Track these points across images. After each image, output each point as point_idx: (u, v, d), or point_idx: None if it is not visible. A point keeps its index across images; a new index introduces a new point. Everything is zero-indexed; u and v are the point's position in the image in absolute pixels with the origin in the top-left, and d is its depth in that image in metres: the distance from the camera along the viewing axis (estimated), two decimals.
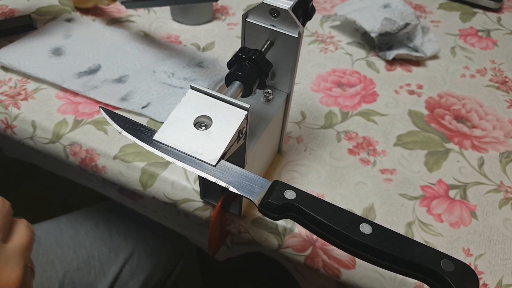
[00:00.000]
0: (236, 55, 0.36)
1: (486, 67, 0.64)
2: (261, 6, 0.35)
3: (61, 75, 0.56)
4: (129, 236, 0.61)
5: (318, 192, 0.47)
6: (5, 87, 0.55)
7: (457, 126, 0.55)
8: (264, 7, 0.35)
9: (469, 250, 0.43)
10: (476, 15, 0.75)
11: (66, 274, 0.55)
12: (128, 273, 0.59)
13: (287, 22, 0.35)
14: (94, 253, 0.58)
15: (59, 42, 0.61)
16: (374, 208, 0.45)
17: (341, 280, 0.42)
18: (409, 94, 0.59)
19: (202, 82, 0.56)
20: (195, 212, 0.46)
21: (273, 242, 0.44)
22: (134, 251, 0.61)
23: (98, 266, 0.58)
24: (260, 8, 0.35)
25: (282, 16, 0.35)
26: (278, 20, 0.36)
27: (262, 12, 0.36)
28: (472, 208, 0.46)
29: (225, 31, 0.67)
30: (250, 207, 0.45)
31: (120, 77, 0.57)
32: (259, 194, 0.32)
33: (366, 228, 0.29)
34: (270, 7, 0.35)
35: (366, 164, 0.50)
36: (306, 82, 0.60)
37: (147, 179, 0.47)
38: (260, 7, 0.35)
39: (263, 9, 0.35)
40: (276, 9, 0.35)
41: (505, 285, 0.40)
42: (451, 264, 0.28)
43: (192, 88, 0.33)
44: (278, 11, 0.35)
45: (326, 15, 0.73)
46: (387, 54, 0.63)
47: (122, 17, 0.69)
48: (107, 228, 0.61)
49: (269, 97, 0.40)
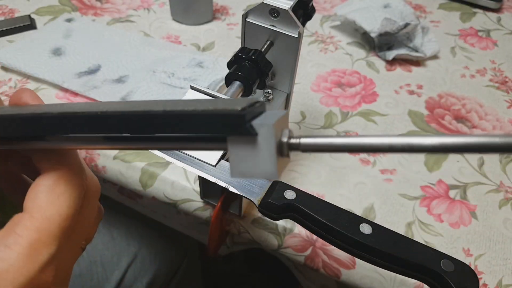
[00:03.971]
0: (236, 55, 0.36)
1: (486, 67, 0.64)
2: (261, 6, 0.35)
3: (61, 75, 0.56)
4: (131, 238, 0.61)
5: (318, 192, 0.47)
6: (5, 87, 0.55)
7: (457, 126, 0.55)
8: (264, 7, 0.35)
9: (469, 250, 0.43)
10: (476, 15, 0.75)
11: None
12: (132, 277, 0.59)
13: (287, 22, 0.35)
14: (96, 258, 0.57)
15: (59, 42, 0.61)
16: (374, 208, 0.45)
17: (341, 280, 0.42)
18: (409, 94, 0.59)
19: (202, 82, 0.56)
20: (195, 212, 0.46)
21: (273, 242, 0.44)
22: (137, 254, 0.60)
23: (101, 272, 0.57)
24: (260, 8, 0.35)
25: (282, 16, 0.35)
26: (278, 20, 0.36)
27: (262, 12, 0.36)
28: (472, 208, 0.46)
29: (225, 31, 0.67)
30: (250, 207, 0.45)
31: (120, 77, 0.57)
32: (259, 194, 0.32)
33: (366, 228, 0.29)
34: (270, 7, 0.35)
35: (366, 164, 0.50)
36: (306, 82, 0.60)
37: (147, 179, 0.47)
38: (260, 7, 0.35)
39: (263, 9, 0.35)
40: (276, 9, 0.35)
41: (505, 285, 0.40)
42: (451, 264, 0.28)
43: (192, 88, 0.33)
44: (278, 11, 0.35)
45: (326, 15, 0.73)
46: (387, 54, 0.63)
47: (122, 17, 0.69)
48: (108, 230, 0.61)
49: (269, 97, 0.40)
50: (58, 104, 0.24)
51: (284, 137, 0.19)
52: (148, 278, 0.60)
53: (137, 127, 0.20)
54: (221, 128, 0.18)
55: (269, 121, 0.18)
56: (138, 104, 0.20)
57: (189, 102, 0.20)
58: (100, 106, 0.21)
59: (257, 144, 0.18)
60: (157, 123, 0.19)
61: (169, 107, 0.19)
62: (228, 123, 0.18)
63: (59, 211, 0.22)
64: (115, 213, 0.63)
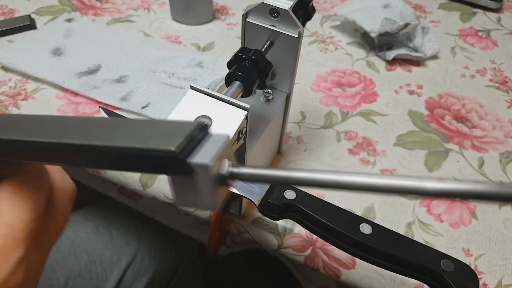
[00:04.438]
0: (236, 55, 0.36)
1: (486, 67, 0.64)
2: (261, 6, 0.35)
3: (61, 75, 0.56)
4: (131, 237, 0.61)
5: (318, 192, 0.47)
6: (5, 87, 0.55)
7: (457, 126, 0.55)
8: (264, 7, 0.35)
9: (469, 250, 0.43)
10: (476, 15, 0.75)
11: (67, 281, 0.55)
12: (131, 276, 0.59)
13: (287, 22, 0.35)
14: (96, 257, 0.57)
15: (59, 42, 0.61)
16: (374, 208, 0.45)
17: (341, 280, 0.42)
18: (409, 94, 0.59)
19: (202, 82, 0.56)
20: (195, 212, 0.46)
21: (273, 242, 0.44)
22: (137, 253, 0.60)
23: (100, 271, 0.57)
24: (260, 8, 0.35)
25: (282, 16, 0.35)
26: (278, 20, 0.36)
27: (262, 12, 0.36)
28: (472, 208, 0.46)
29: (225, 31, 0.67)
30: (250, 207, 0.45)
31: (120, 77, 0.57)
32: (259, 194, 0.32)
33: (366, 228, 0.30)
34: (270, 7, 0.35)
35: (366, 164, 0.50)
36: (306, 82, 0.60)
37: (147, 179, 0.47)
38: (260, 7, 0.35)
39: (263, 9, 0.35)
40: (276, 9, 0.35)
41: (505, 285, 0.40)
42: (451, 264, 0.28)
43: (192, 88, 0.33)
44: (278, 11, 0.35)
45: (326, 15, 0.73)
46: (387, 54, 0.63)
47: (122, 17, 0.69)
48: (108, 230, 0.61)
49: (269, 97, 0.40)
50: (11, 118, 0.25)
51: (224, 169, 0.19)
52: (147, 278, 0.60)
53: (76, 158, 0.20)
54: (158, 167, 0.18)
55: (207, 157, 0.18)
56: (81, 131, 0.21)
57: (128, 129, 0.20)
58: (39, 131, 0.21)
59: (195, 181, 0.18)
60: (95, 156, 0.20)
61: (106, 141, 0.19)
62: (164, 165, 0.18)
63: (20, 216, 0.23)
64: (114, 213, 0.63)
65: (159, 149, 0.18)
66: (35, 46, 0.60)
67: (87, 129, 0.21)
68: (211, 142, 0.19)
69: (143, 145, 0.18)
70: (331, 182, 0.17)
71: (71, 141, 0.20)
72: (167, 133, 0.19)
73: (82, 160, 0.21)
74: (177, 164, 0.18)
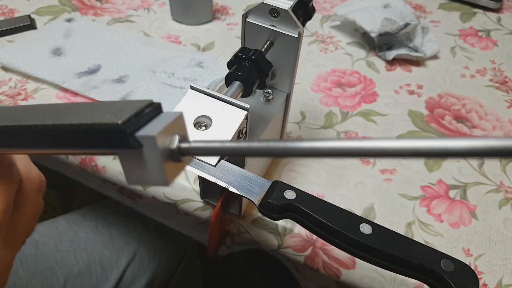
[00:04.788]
0: (236, 55, 0.36)
1: (486, 67, 0.64)
2: (261, 6, 0.35)
3: (61, 75, 0.56)
4: (130, 237, 0.61)
5: (318, 192, 0.47)
6: (5, 87, 0.55)
7: (457, 126, 0.55)
8: (264, 7, 0.35)
9: (469, 250, 0.43)
10: (476, 15, 0.75)
11: (67, 280, 0.55)
12: (131, 276, 0.59)
13: (287, 22, 0.35)
14: (95, 257, 0.57)
15: (59, 42, 0.61)
16: (374, 208, 0.45)
17: (341, 280, 0.42)
18: (409, 94, 0.59)
19: (202, 82, 0.56)
20: (195, 212, 0.46)
21: (273, 242, 0.44)
22: (136, 253, 0.60)
23: (100, 271, 0.57)
24: (260, 8, 0.35)
25: (282, 16, 0.35)
26: (278, 20, 0.36)
27: (262, 12, 0.36)
28: (472, 208, 0.46)
29: (225, 31, 0.67)
30: (250, 207, 0.45)
31: (120, 77, 0.57)
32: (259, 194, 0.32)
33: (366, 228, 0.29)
34: (270, 7, 0.35)
35: (366, 164, 0.50)
36: (306, 82, 0.60)
37: None
38: (260, 7, 0.35)
39: (263, 9, 0.35)
40: (276, 9, 0.35)
41: (505, 285, 0.40)
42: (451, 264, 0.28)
43: (192, 88, 0.33)
44: (278, 11, 0.35)
45: (326, 15, 0.73)
46: (387, 54, 0.63)
47: (122, 17, 0.69)
48: (107, 230, 0.61)
49: (269, 97, 0.40)
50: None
51: (173, 143, 0.19)
52: (147, 278, 0.60)
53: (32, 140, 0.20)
54: (106, 142, 0.19)
55: (154, 130, 0.18)
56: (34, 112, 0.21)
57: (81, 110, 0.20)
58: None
59: (143, 155, 0.18)
60: (49, 136, 0.20)
61: (59, 120, 0.19)
62: (111, 138, 0.18)
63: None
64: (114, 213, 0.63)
65: (106, 123, 0.18)
66: (35, 46, 0.60)
67: (43, 113, 0.21)
68: (162, 119, 0.19)
69: (90, 121, 0.18)
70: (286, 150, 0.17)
71: (25, 123, 0.20)
72: (117, 111, 0.19)
73: (36, 142, 0.20)
74: (123, 137, 0.18)
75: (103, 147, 0.19)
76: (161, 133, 0.18)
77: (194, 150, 0.19)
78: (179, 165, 0.20)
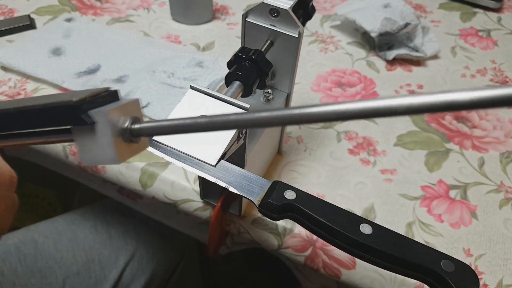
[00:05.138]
0: (236, 55, 0.36)
1: (486, 67, 0.64)
2: (261, 6, 0.35)
3: (60, 75, 0.55)
4: (129, 237, 0.61)
5: (318, 192, 0.46)
6: (4, 87, 0.55)
7: (457, 126, 0.55)
8: (264, 7, 0.35)
9: (469, 250, 0.43)
10: (476, 15, 0.75)
11: (66, 280, 0.55)
12: (130, 275, 0.59)
13: (287, 22, 0.35)
14: (94, 256, 0.57)
15: (59, 42, 0.61)
16: (374, 208, 0.45)
17: (341, 280, 0.42)
18: (409, 94, 0.59)
19: (202, 82, 0.56)
20: (195, 212, 0.46)
21: (273, 243, 0.44)
22: (135, 252, 0.60)
23: (99, 270, 0.57)
24: (260, 8, 0.35)
25: (282, 16, 0.35)
26: (278, 20, 0.35)
27: (262, 12, 0.36)
28: (472, 208, 0.46)
29: (225, 31, 0.67)
30: (250, 207, 0.45)
31: (119, 77, 0.56)
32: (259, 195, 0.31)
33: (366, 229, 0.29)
34: (270, 7, 0.35)
35: (366, 164, 0.50)
36: (306, 82, 0.60)
37: (147, 179, 0.47)
38: (260, 7, 0.35)
39: (263, 9, 0.35)
40: (276, 9, 0.35)
41: (505, 285, 0.40)
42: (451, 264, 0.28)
43: (192, 88, 0.33)
44: (278, 11, 0.35)
45: (326, 15, 0.73)
46: (387, 54, 0.63)
47: (122, 17, 0.69)
48: (106, 229, 0.61)
49: (269, 97, 0.40)
50: None
51: (125, 123, 0.20)
52: (146, 277, 0.60)
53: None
54: (62, 120, 0.20)
55: (107, 108, 0.19)
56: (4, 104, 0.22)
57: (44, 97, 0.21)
58: None
59: (96, 132, 0.19)
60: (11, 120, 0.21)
61: (21, 104, 0.21)
62: (66, 115, 0.20)
63: None
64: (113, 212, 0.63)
65: (62, 101, 0.19)
66: (34, 46, 0.60)
67: (9, 103, 0.22)
68: (118, 102, 0.21)
69: (48, 101, 0.20)
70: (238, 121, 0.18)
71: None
72: (75, 95, 0.20)
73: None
74: (77, 112, 0.19)
75: (59, 124, 0.20)
76: (113, 110, 0.19)
77: (146, 130, 0.20)
78: (133, 146, 0.21)
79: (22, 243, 0.56)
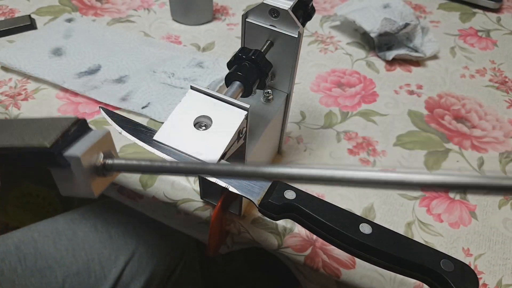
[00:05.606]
0: (236, 55, 0.36)
1: (485, 67, 0.65)
2: (261, 6, 0.35)
3: (61, 75, 0.56)
4: (129, 236, 0.61)
5: (318, 192, 0.47)
6: (5, 87, 0.55)
7: (457, 126, 0.55)
8: (264, 7, 0.35)
9: (468, 250, 0.43)
10: (475, 15, 0.75)
11: (66, 279, 0.55)
12: (129, 275, 0.59)
13: (287, 22, 0.35)
14: (94, 256, 0.57)
15: (59, 42, 0.61)
16: (374, 208, 0.45)
17: (341, 280, 0.42)
18: (409, 94, 0.59)
19: (202, 82, 0.56)
20: (195, 212, 0.46)
21: (273, 242, 0.44)
22: (135, 252, 0.60)
23: (99, 270, 0.57)
24: (260, 8, 0.35)
25: (282, 16, 0.35)
26: (278, 20, 0.36)
27: (262, 12, 0.36)
28: (471, 208, 0.46)
29: (225, 31, 0.68)
30: (250, 207, 0.45)
31: (120, 77, 0.57)
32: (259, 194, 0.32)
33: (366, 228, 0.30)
34: (270, 7, 0.35)
35: (366, 164, 0.50)
36: (306, 82, 0.60)
37: (147, 179, 0.47)
38: (260, 7, 0.35)
39: (263, 9, 0.35)
40: (276, 9, 0.35)
41: (505, 285, 0.40)
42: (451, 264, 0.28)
43: (192, 88, 0.33)
44: (278, 11, 0.35)
45: (326, 15, 0.73)
46: (387, 54, 0.63)
47: (122, 17, 0.69)
48: (106, 229, 0.61)
49: (269, 97, 0.40)
50: None
51: (98, 160, 0.21)
52: (146, 276, 0.60)
53: None
54: (39, 163, 0.21)
55: (79, 150, 0.20)
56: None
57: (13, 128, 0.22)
58: None
59: (72, 171, 0.20)
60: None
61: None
62: (41, 159, 0.20)
63: None
64: (112, 212, 0.64)
65: (35, 146, 0.20)
66: (35, 46, 0.60)
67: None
68: (89, 137, 0.21)
69: (21, 143, 0.21)
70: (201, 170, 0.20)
71: None
72: (45, 131, 0.21)
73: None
74: (52, 158, 0.20)
75: (36, 164, 0.21)
76: (85, 153, 0.20)
77: (117, 166, 0.21)
78: (106, 179, 0.22)
79: (22, 243, 0.56)
